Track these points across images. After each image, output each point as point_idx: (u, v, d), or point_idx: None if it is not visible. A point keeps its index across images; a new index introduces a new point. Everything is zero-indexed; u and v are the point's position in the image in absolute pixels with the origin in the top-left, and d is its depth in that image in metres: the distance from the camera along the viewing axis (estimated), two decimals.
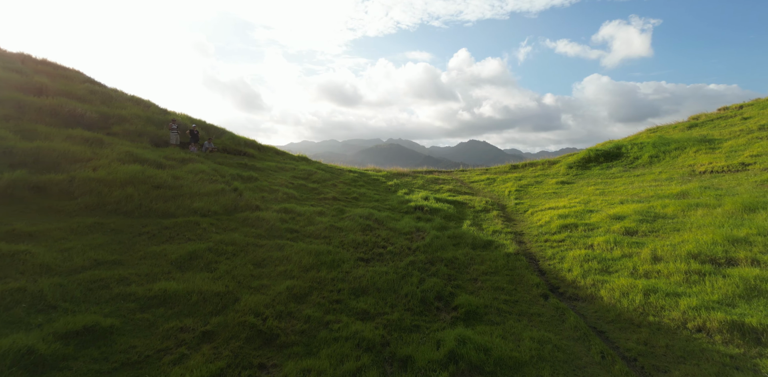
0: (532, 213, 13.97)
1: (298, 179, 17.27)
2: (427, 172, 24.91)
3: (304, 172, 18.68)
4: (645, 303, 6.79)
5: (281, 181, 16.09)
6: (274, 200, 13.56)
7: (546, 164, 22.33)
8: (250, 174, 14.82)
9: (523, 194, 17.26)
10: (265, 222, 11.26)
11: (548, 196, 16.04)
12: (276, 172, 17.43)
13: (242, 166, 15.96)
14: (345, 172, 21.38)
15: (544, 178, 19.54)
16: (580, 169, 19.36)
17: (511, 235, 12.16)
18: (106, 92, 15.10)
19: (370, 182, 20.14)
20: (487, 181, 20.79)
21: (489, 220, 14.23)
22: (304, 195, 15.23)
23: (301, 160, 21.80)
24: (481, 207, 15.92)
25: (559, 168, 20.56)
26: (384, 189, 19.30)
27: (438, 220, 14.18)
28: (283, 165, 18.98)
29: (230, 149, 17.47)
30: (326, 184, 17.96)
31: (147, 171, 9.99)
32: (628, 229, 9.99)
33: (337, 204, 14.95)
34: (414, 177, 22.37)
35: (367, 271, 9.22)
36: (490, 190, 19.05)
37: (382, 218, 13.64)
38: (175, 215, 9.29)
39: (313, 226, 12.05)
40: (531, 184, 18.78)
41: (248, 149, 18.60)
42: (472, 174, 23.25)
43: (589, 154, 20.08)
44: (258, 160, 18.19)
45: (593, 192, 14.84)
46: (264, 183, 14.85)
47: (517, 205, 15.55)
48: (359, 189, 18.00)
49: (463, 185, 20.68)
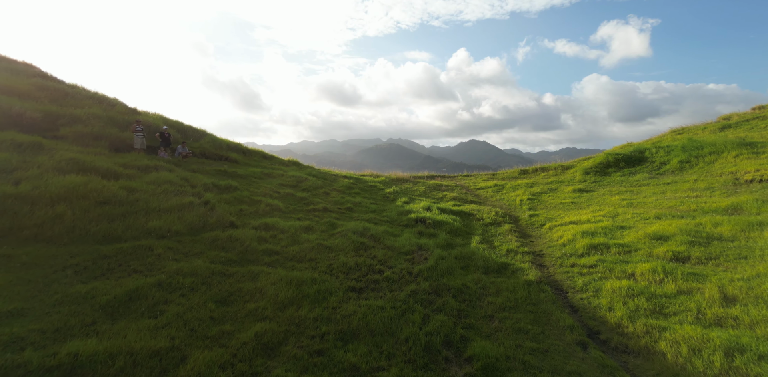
0: (551, 228, 12.19)
1: (285, 187, 15.49)
2: (429, 176, 23.13)
3: (294, 179, 16.91)
4: (729, 369, 5.03)
5: (265, 190, 14.31)
6: (254, 214, 11.79)
7: (559, 169, 20.54)
8: (228, 183, 13.04)
9: (536, 204, 15.48)
10: (239, 242, 9.49)
11: (566, 207, 14.27)
12: (261, 179, 15.65)
13: (221, 173, 14.18)
14: (339, 177, 19.61)
15: (559, 184, 17.76)
16: (599, 174, 17.58)
17: (529, 256, 10.38)
18: (61, 89, 13.30)
19: (366, 189, 18.38)
20: (495, 187, 19.02)
21: (501, 236, 12.46)
22: (291, 207, 13.46)
23: (291, 165, 20.01)
24: (490, 219, 14.15)
25: (574, 173, 18.77)
26: (382, 197, 17.54)
27: (442, 236, 12.41)
28: (270, 171, 17.20)
29: (210, 154, 15.70)
30: (317, 192, 16.20)
31: (92, 183, 8.23)
32: (677, 254, 8.22)
33: (328, 217, 13.19)
34: (414, 183, 20.60)
35: (359, 306, 7.46)
36: (499, 199, 17.28)
37: (378, 234, 11.87)
38: (121, 239, 7.54)
39: (297, 246, 10.29)
40: (544, 191, 17.01)
41: (231, 153, 16.82)
42: (477, 179, 21.47)
43: (607, 158, 18.29)
44: (241, 165, 16.43)
45: (619, 203, 13.06)
46: (244, 193, 13.07)
47: (531, 218, 13.77)
48: (354, 199, 16.24)
49: (469, 192, 18.92)
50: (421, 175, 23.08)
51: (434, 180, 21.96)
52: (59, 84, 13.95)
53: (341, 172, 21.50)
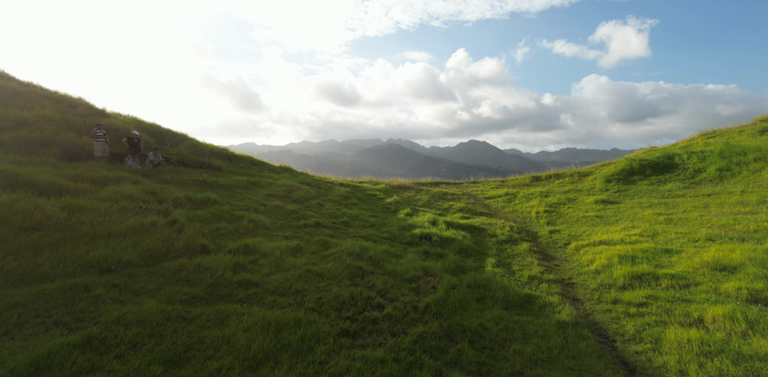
0: (578, 249, 10.51)
1: (273, 199, 13.81)
2: (432, 183, 21.46)
3: (284, 188, 15.24)
4: None
5: (250, 202, 12.64)
6: (233, 233, 10.12)
7: (575, 176, 18.87)
8: (205, 195, 11.37)
9: (555, 217, 13.81)
10: (209, 272, 7.81)
11: (591, 222, 12.59)
12: (246, 189, 13.98)
13: (199, 183, 12.51)
14: (335, 186, 17.94)
15: (578, 194, 16.11)
16: (622, 183, 15.92)
17: (557, 287, 8.69)
18: (10, 87, 11.58)
19: (364, 199, 16.72)
20: (506, 197, 17.34)
21: (519, 257, 10.78)
22: (279, 223, 11.78)
23: (283, 172, 18.34)
24: (505, 235, 12.46)
25: (593, 181, 17.10)
26: (381, 208, 15.88)
27: (451, 257, 10.74)
28: (257, 179, 15.54)
29: (189, 161, 14.06)
30: (310, 203, 14.53)
31: (20, 202, 6.59)
32: (755, 294, 6.54)
33: (320, 235, 11.52)
34: (417, 191, 18.93)
35: (354, 360, 5.80)
36: (511, 210, 15.61)
37: (378, 255, 10.22)
38: (48, 277, 5.89)
39: (281, 274, 8.62)
40: (562, 202, 15.34)
41: (214, 160, 15.16)
42: (485, 187, 19.81)
43: (631, 164, 16.63)
44: (225, 173, 14.78)
45: (654, 218, 11.39)
46: (224, 207, 11.39)
47: (552, 234, 12.09)
48: (351, 211, 14.57)
49: (477, 202, 17.25)
50: (423, 182, 21.43)
51: (438, 187, 20.30)
52: (8, 81, 12.25)
53: (338, 178, 19.84)
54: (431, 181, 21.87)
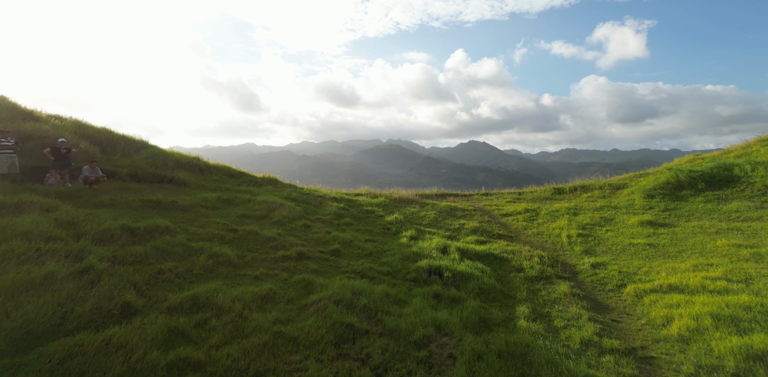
0: (639, 295, 7.95)
1: (248, 221, 11.24)
2: (438, 195, 18.87)
3: (264, 207, 12.66)
4: None
5: (216, 228, 10.06)
6: (182, 277, 7.52)
7: (606, 188, 16.30)
8: (153, 223, 8.79)
9: (593, 243, 11.25)
10: (121, 354, 5.23)
11: (643, 252, 10.05)
12: (215, 209, 11.41)
13: (150, 205, 9.95)
14: (327, 201, 15.35)
15: (614, 212, 13.57)
16: (669, 199, 13.38)
17: (628, 363, 6.10)
18: None
19: (360, 217, 14.15)
20: (527, 214, 14.76)
21: (559, 305, 8.21)
22: (249, 256, 9.20)
23: (266, 185, 15.75)
24: (534, 269, 9.89)
25: (630, 196, 14.56)
26: (380, 229, 13.31)
27: (471, 304, 8.17)
28: (232, 195, 12.97)
29: (145, 175, 11.51)
30: (294, 225, 11.95)
31: None
32: None
33: (302, 271, 8.94)
34: (422, 205, 16.35)
35: None
36: (536, 232, 13.04)
37: (374, 303, 7.67)
38: None
39: (238, 344, 6.03)
40: (597, 223, 12.80)
41: (178, 173, 12.60)
42: (500, 200, 17.24)
43: (677, 176, 14.09)
44: (191, 189, 12.24)
45: (734, 252, 8.87)
46: (178, 238, 8.81)
47: (596, 270, 9.51)
48: (344, 234, 12.00)
49: (493, 220, 14.67)
50: (428, 193, 18.85)
51: (446, 200, 17.72)
52: None
53: (330, 191, 17.25)
54: (437, 192, 19.30)
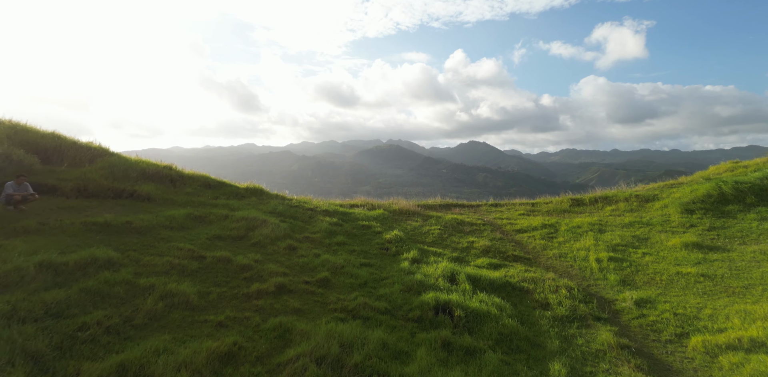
0: (712, 354, 6.20)
1: (221, 244, 9.48)
2: (443, 205, 17.09)
3: (243, 224, 10.90)
4: None
5: (177, 256, 8.27)
6: (112, 333, 5.75)
7: (633, 200, 14.51)
8: (90, 254, 7.03)
9: (631, 271, 9.51)
10: None
11: (696, 285, 8.30)
12: (181, 230, 9.64)
13: (94, 228, 8.15)
14: (318, 214, 13.58)
15: (647, 230, 11.83)
16: (714, 215, 11.63)
17: None
18: None
19: (355, 234, 12.39)
20: (545, 230, 12.98)
21: (603, 362, 6.47)
22: (215, 292, 7.43)
23: (249, 197, 13.97)
24: (564, 306, 8.14)
25: (665, 211, 12.79)
26: (378, 249, 11.55)
27: (490, 358, 6.46)
28: (206, 211, 11.20)
29: (99, 189, 9.74)
30: (277, 248, 10.20)
31: None
32: None
33: (280, 312, 7.17)
34: (424, 218, 14.59)
35: None
36: (557, 253, 11.29)
37: (368, 357, 5.96)
38: None
39: None
40: (630, 243, 11.06)
41: (143, 185, 10.83)
42: (511, 212, 15.47)
43: (720, 188, 12.31)
44: (156, 205, 10.48)
45: None
46: (123, 273, 7.05)
47: (643, 310, 7.75)
48: (335, 257, 10.23)
49: (505, 237, 12.91)
50: (431, 204, 17.07)
51: (451, 212, 15.95)
52: None
53: (323, 202, 15.46)
54: (440, 202, 17.52)
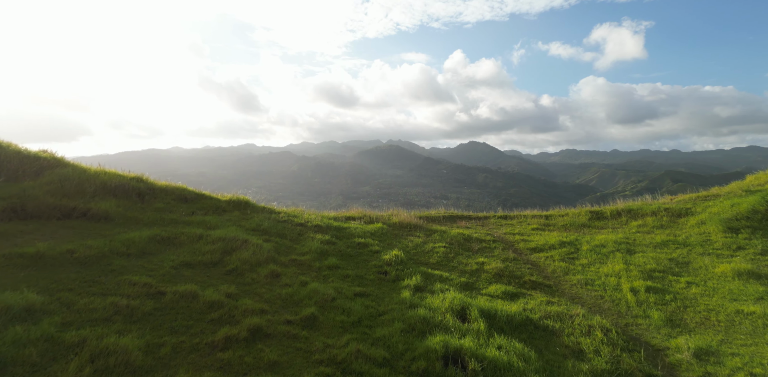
0: None
1: (188, 273, 7.96)
2: (447, 217, 15.56)
3: (219, 247, 9.37)
4: None
5: (127, 293, 6.75)
6: None
7: (662, 214, 12.97)
8: None
9: (677, 306, 8.00)
10: None
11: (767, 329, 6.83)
12: (139, 258, 8.13)
13: (18, 262, 6.47)
14: (309, 230, 12.05)
15: (685, 251, 10.33)
16: (764, 235, 10.07)
17: None
18: None
19: (350, 255, 10.87)
20: (563, 249, 11.45)
21: None
22: (168, 346, 5.89)
23: (232, 211, 12.42)
24: (601, 356, 6.63)
25: (703, 228, 11.25)
26: (375, 273, 10.01)
27: None
28: (177, 231, 9.69)
29: (38, 208, 8.19)
30: (257, 275, 8.67)
31: None
32: None
33: (249, 371, 5.65)
34: (428, 233, 13.07)
35: None
36: (582, 279, 9.77)
37: None
38: None
39: None
40: (668, 269, 9.55)
41: (99, 202, 9.27)
42: (524, 227, 13.94)
43: (766, 202, 10.80)
44: (112, 226, 8.95)
45: None
46: (42, 326, 5.50)
47: (708, 366, 6.25)
48: (324, 286, 8.69)
49: (519, 257, 11.40)
50: (434, 215, 15.54)
51: (456, 225, 14.44)
52: None
53: (315, 215, 13.92)
54: (444, 213, 15.99)
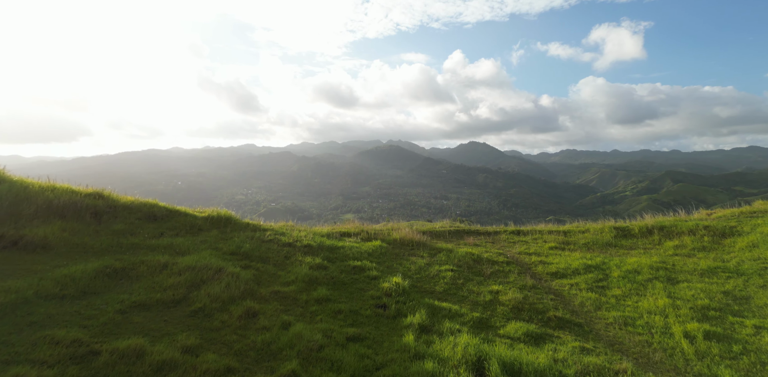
0: None
1: (138, 319, 6.44)
2: (453, 232, 14.01)
3: (185, 279, 7.85)
4: None
5: (42, 356, 5.22)
6: None
7: (702, 233, 11.38)
8: None
9: (749, 362, 6.44)
10: None
11: None
12: (75, 301, 6.57)
13: None
14: (297, 252, 10.51)
15: (741, 282, 8.76)
16: None
17: None
18: None
19: (343, 282, 9.34)
20: (589, 275, 9.89)
21: None
22: None
23: (210, 229, 10.84)
24: None
25: (756, 252, 9.50)
26: (372, 308, 8.46)
27: None
28: (135, 260, 8.16)
29: None
30: (228, 316, 7.13)
31: None
32: None
33: None
34: (432, 253, 11.54)
35: None
36: (619, 317, 8.20)
37: None
38: None
39: None
40: (724, 306, 7.97)
41: (37, 227, 7.66)
42: (540, 245, 12.38)
43: None
44: (49, 258, 7.40)
45: None
46: None
47: None
48: (310, 329, 7.14)
49: (539, 284, 9.87)
50: (439, 230, 14.00)
51: (463, 241, 12.89)
52: None
53: (307, 232, 12.35)
54: (450, 226, 14.44)
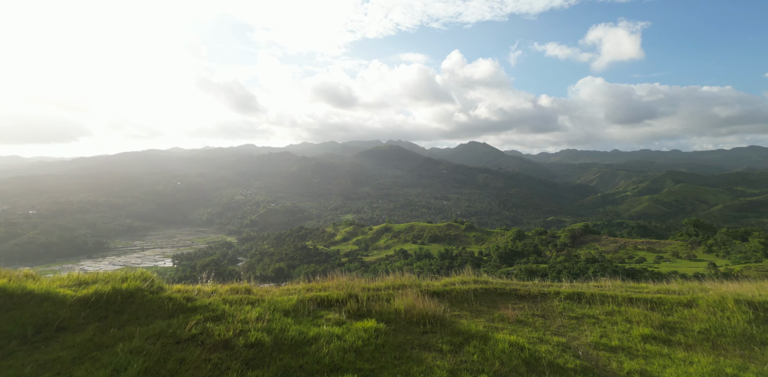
0: None
1: None
2: (480, 291, 9.89)
3: None
4: None
5: None
6: None
7: None
8: None
9: None
10: None
11: None
12: None
13: None
14: (236, 359, 6.49)
15: None
16: None
17: None
18: None
19: None
20: None
21: None
22: None
23: (87, 325, 6.24)
24: None
25: None
26: None
27: None
28: None
29: None
30: None
31: None
32: None
33: None
34: (455, 346, 7.44)
35: None
36: None
37: None
38: None
39: None
40: None
41: None
42: (620, 328, 8.22)
43: None
44: None
45: None
46: None
47: None
48: None
49: None
50: (461, 290, 9.86)
51: (498, 316, 8.77)
52: None
53: (264, 308, 8.24)
54: (474, 283, 10.30)
